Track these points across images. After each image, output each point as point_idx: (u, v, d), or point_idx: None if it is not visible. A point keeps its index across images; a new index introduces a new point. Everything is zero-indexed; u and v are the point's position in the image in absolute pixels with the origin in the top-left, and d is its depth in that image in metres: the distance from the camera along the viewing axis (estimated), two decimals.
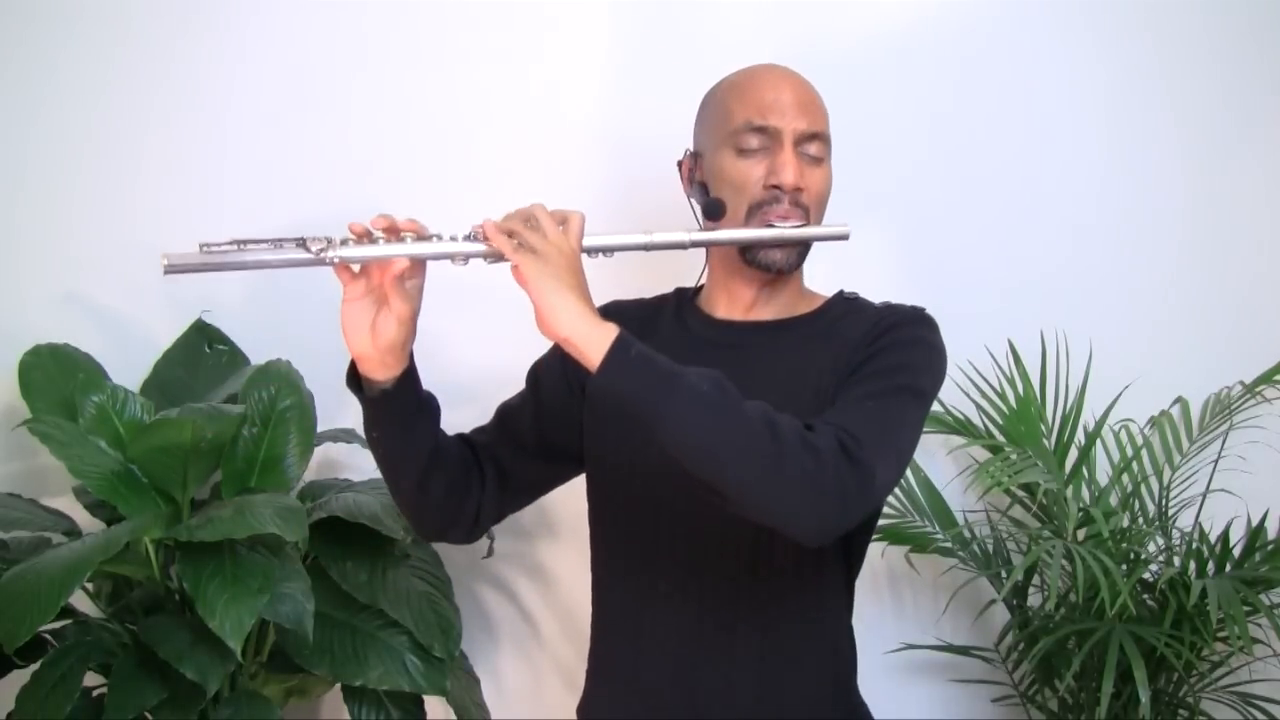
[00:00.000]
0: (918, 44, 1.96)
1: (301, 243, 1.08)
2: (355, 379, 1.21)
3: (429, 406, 1.25)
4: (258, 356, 1.96)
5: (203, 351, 1.97)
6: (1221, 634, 1.75)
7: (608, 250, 1.17)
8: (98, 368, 1.86)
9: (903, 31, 1.96)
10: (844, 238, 1.23)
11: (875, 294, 1.33)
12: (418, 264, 1.14)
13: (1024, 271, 1.99)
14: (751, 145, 1.22)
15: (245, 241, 1.09)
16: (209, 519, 1.59)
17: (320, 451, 1.91)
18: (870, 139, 1.95)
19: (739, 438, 1.01)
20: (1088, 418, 1.89)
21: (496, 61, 1.99)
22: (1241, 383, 1.94)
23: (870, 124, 1.95)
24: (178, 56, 1.96)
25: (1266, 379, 1.89)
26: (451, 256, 1.12)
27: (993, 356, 1.92)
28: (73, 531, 1.76)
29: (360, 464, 2.00)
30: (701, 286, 1.36)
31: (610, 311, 1.38)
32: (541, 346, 1.54)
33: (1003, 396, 1.89)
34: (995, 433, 1.90)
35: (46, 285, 1.98)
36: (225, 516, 1.58)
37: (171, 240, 1.99)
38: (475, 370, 2.06)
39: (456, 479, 1.27)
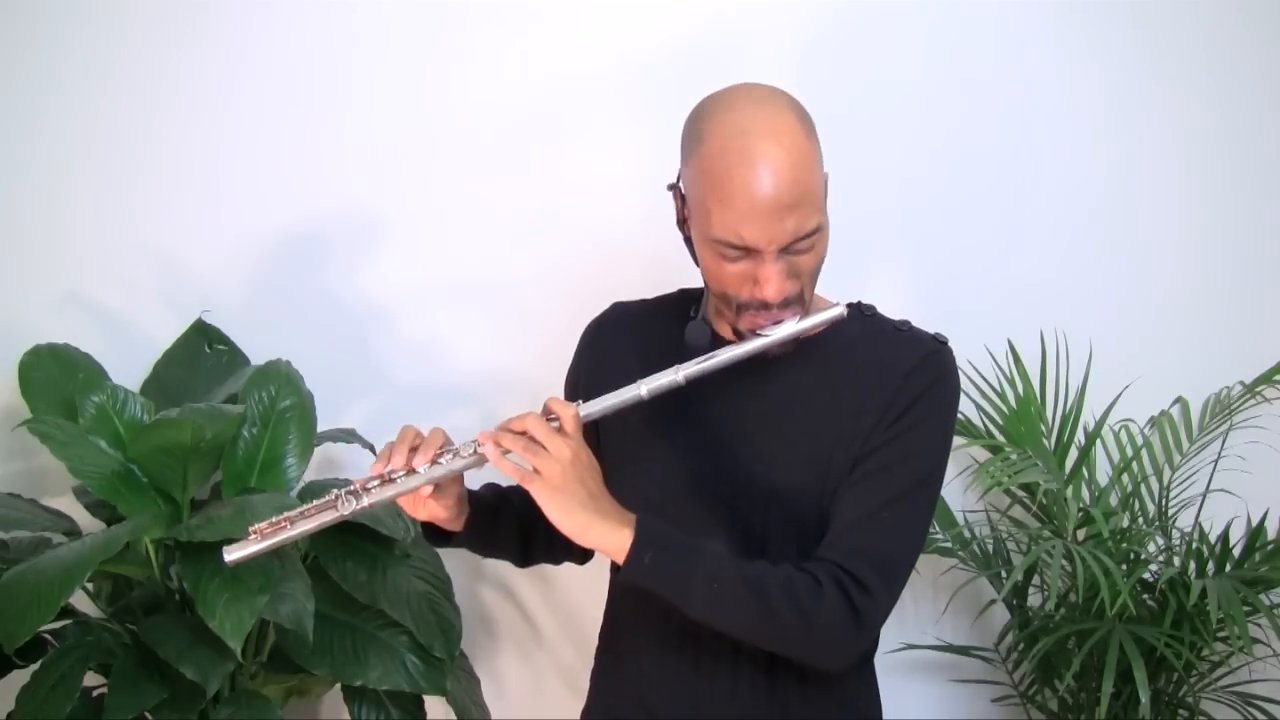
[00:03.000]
0: (919, 49, 1.96)
1: (332, 505, 1.16)
2: (429, 528, 1.29)
3: (501, 512, 1.32)
4: (258, 356, 1.96)
5: (203, 351, 1.97)
6: (1221, 634, 1.75)
7: (607, 412, 1.17)
8: (98, 368, 1.86)
9: (904, 37, 1.96)
10: (840, 319, 1.18)
11: (877, 296, 1.32)
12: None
13: (1024, 272, 1.99)
14: (732, 256, 1.14)
15: (283, 519, 1.17)
16: (209, 519, 1.59)
17: (320, 451, 1.91)
18: (872, 143, 1.95)
19: (742, 621, 1.14)
20: (1088, 418, 1.89)
21: (494, 62, 1.99)
22: (1241, 383, 1.94)
23: (872, 127, 1.95)
24: (178, 58, 1.97)
25: (1266, 379, 1.89)
26: (465, 470, 1.17)
27: (993, 356, 1.92)
28: (73, 531, 1.76)
29: (360, 464, 2.00)
30: (704, 289, 1.33)
31: (611, 316, 1.38)
32: (541, 348, 1.54)
33: (1003, 396, 1.89)
34: (995, 433, 1.90)
35: (47, 285, 1.98)
36: (225, 516, 1.58)
37: (171, 240, 2.02)
38: (475, 370, 2.06)
39: (553, 536, 1.32)
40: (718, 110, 1.15)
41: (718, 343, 1.22)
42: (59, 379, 1.81)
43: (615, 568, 1.34)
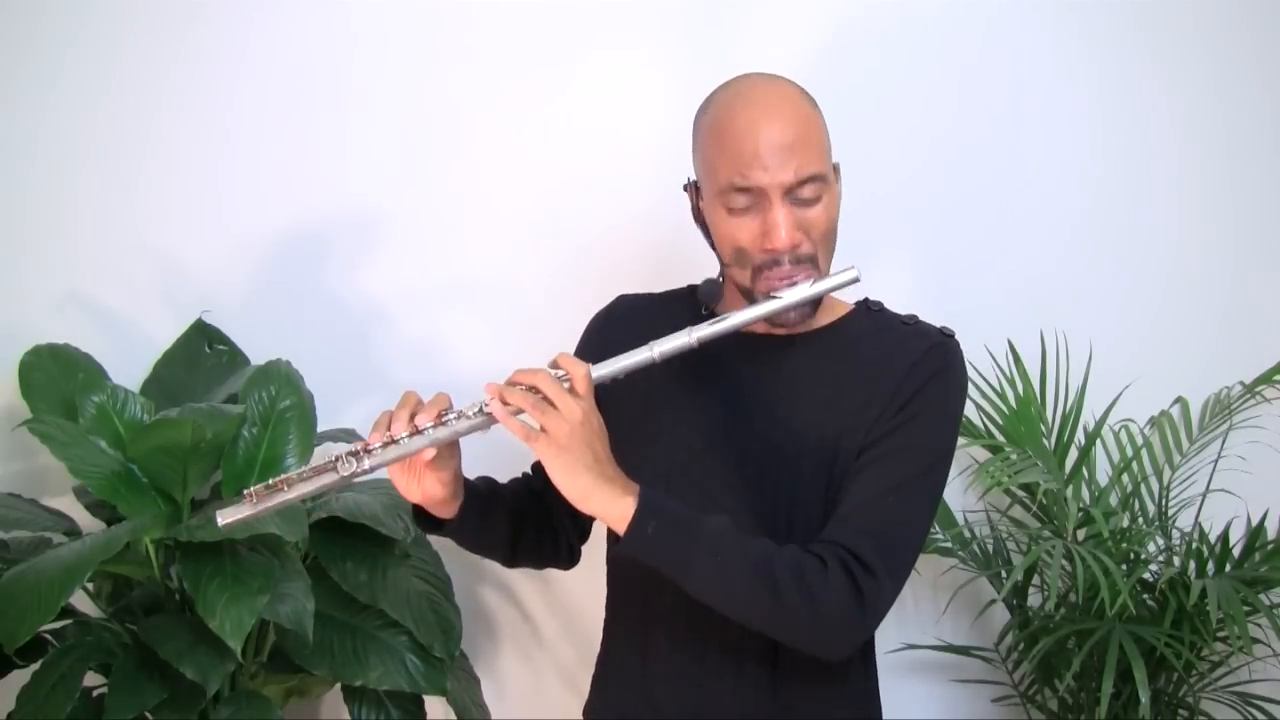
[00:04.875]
0: (919, 49, 1.96)
1: (332, 467, 1.12)
2: (421, 513, 1.27)
3: (495, 502, 1.31)
4: (258, 356, 1.96)
5: (203, 351, 1.97)
6: (1221, 634, 1.75)
7: (617, 376, 1.15)
8: (98, 368, 1.86)
9: (904, 36, 1.96)
10: (854, 282, 1.17)
11: (876, 295, 1.32)
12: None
13: (1024, 271, 1.99)
14: (740, 205, 1.16)
15: (280, 481, 1.13)
16: (209, 519, 1.59)
17: (320, 451, 1.90)
18: (872, 142, 1.95)
19: (745, 599, 1.12)
20: (1088, 418, 1.89)
21: (494, 62, 1.99)
22: (1241, 383, 1.94)
23: (872, 127, 1.95)
24: (178, 57, 1.96)
25: (1266, 379, 1.89)
26: (471, 432, 1.15)
27: (993, 356, 1.92)
28: (73, 531, 1.76)
29: None
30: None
31: (619, 307, 1.38)
32: (541, 348, 1.54)
33: (1003, 396, 1.89)
34: (995, 433, 1.90)
35: (47, 285, 1.98)
36: None
37: (171, 240, 2.02)
38: (475, 370, 2.06)
39: (542, 536, 1.35)
40: (722, 87, 1.22)
41: (735, 334, 1.21)
42: (59, 379, 1.81)
43: (614, 540, 1.33)
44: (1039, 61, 1.97)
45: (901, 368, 1.20)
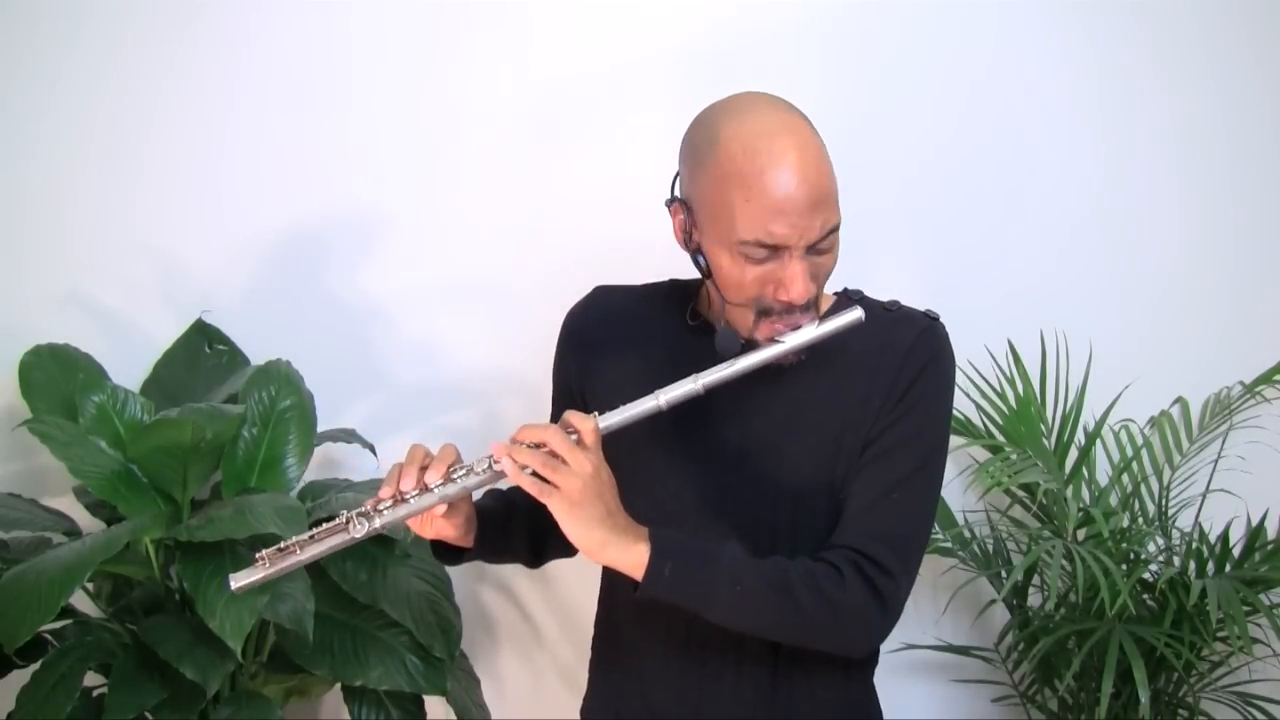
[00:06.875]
0: (919, 49, 1.96)
1: (343, 528, 1.14)
2: (439, 545, 1.28)
3: (509, 520, 1.31)
4: (258, 356, 1.96)
5: (203, 351, 1.97)
6: (1221, 634, 1.75)
7: (626, 424, 1.15)
8: (98, 368, 1.86)
9: (903, 37, 1.96)
10: (858, 323, 1.17)
11: (876, 295, 1.32)
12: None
13: (1024, 271, 1.99)
14: (757, 257, 1.13)
15: (292, 543, 1.15)
16: (209, 519, 1.59)
17: (320, 451, 1.91)
18: (873, 142, 1.95)
19: (768, 621, 1.15)
20: (1088, 418, 1.89)
21: (495, 63, 1.99)
22: (1241, 383, 1.94)
23: (871, 127, 1.95)
24: (178, 57, 1.96)
25: (1266, 379, 1.89)
26: (480, 487, 1.15)
27: (993, 356, 1.92)
28: (73, 531, 1.76)
29: (360, 464, 2.00)
30: (699, 285, 1.32)
31: (597, 300, 1.37)
32: (541, 348, 1.54)
33: (1003, 396, 1.89)
34: (995, 433, 1.90)
35: (47, 285, 1.98)
36: (225, 516, 1.58)
37: (171, 240, 2.02)
38: (475, 370, 2.06)
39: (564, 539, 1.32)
40: (731, 115, 1.15)
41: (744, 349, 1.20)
42: (59, 379, 1.81)
43: (631, 587, 1.33)
44: (1040, 62, 1.97)
45: (895, 357, 1.20)
